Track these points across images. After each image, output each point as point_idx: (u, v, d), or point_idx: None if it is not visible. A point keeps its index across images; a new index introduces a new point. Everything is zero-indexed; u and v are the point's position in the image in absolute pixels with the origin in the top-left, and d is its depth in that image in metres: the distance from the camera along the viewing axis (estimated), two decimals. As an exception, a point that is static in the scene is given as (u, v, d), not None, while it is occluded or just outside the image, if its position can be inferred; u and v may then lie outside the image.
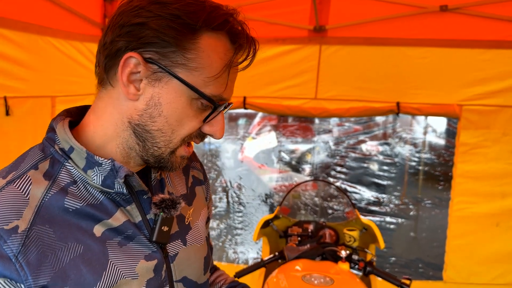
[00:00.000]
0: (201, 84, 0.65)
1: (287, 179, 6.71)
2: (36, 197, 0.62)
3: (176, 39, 0.63)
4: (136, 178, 0.68)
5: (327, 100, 2.78)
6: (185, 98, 0.66)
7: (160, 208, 0.71)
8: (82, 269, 0.62)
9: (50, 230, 0.61)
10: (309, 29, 2.65)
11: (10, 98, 1.91)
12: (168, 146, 0.68)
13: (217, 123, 0.71)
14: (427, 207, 6.41)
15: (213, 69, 0.65)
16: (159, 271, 0.70)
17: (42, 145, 0.69)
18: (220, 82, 0.67)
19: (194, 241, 0.80)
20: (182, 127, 0.67)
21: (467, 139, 2.67)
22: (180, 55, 0.64)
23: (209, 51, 0.65)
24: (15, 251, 0.58)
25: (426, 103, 2.69)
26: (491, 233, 2.71)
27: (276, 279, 1.75)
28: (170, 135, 0.67)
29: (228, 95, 0.70)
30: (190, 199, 0.85)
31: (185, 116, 0.67)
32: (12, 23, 1.91)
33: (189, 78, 0.65)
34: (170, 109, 0.66)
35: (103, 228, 0.66)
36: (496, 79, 2.56)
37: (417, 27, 2.52)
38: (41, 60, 2.15)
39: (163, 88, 0.65)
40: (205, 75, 0.65)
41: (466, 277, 2.78)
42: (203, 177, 0.93)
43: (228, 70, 0.67)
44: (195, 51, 0.64)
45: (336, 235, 2.22)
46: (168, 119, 0.66)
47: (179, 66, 0.64)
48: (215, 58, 0.65)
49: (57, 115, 0.72)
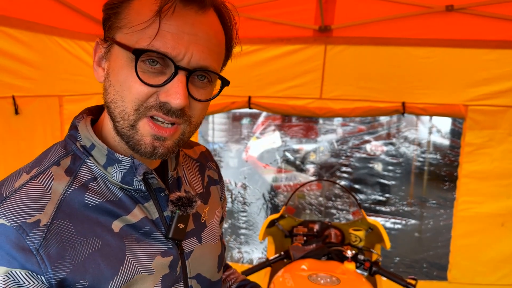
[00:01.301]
0: (132, 40, 0.63)
1: (291, 179, 6.70)
2: (58, 192, 0.64)
3: (112, 7, 0.66)
4: (154, 175, 0.69)
5: (332, 100, 2.78)
6: (125, 59, 0.64)
7: (176, 205, 0.72)
8: (100, 263, 0.64)
9: (70, 225, 0.63)
10: (314, 29, 2.65)
11: (18, 98, 1.93)
12: (124, 118, 0.65)
13: (172, 87, 0.63)
14: (432, 207, 6.38)
15: (141, 21, 0.62)
16: (174, 267, 0.71)
17: (64, 142, 0.71)
18: (151, 30, 0.62)
19: (209, 239, 0.81)
20: (128, 91, 0.63)
21: (473, 139, 2.67)
22: (114, 19, 0.65)
23: (138, 7, 0.63)
24: (37, 244, 0.59)
25: (431, 103, 2.68)
26: (496, 233, 2.71)
27: (282, 279, 1.75)
28: (121, 104, 0.64)
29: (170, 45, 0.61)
30: (206, 198, 0.86)
31: (127, 78, 0.63)
32: (19, 22, 1.93)
33: (122, 38, 0.64)
34: (115, 76, 0.65)
35: (121, 224, 0.67)
36: (502, 79, 2.55)
37: (423, 27, 2.52)
38: (49, 60, 2.16)
39: (111, 59, 0.66)
40: (135, 30, 0.62)
41: (471, 277, 2.77)
42: (218, 177, 0.94)
43: (159, 17, 0.61)
44: (124, 8, 0.65)
45: (341, 235, 2.22)
46: (115, 86, 0.65)
47: (116, 30, 0.65)
48: (144, 10, 0.63)
49: (79, 114, 0.74)
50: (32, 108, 2.04)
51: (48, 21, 2.13)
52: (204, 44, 0.64)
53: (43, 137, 2.11)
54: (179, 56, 0.62)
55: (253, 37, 2.70)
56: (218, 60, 0.69)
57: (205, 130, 8.17)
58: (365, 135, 8.07)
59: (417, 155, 7.84)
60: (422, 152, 7.90)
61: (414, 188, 7.02)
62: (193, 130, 0.70)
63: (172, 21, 0.62)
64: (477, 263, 2.75)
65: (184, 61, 0.63)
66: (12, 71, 1.91)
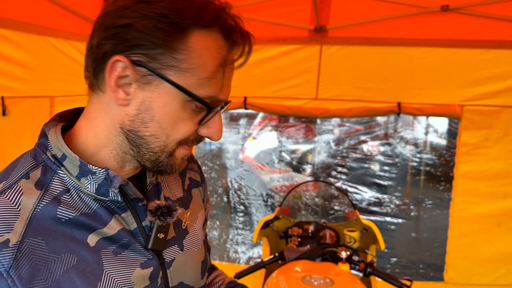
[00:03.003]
0: (194, 85, 0.62)
1: (288, 179, 6.70)
2: (28, 208, 0.60)
3: (164, 40, 0.59)
4: (131, 186, 0.66)
5: (328, 100, 2.77)
6: (178, 101, 0.62)
7: (155, 215, 0.69)
8: (76, 281, 0.61)
9: (42, 242, 0.59)
10: (309, 29, 2.65)
11: (8, 98, 1.91)
12: (163, 150, 0.65)
13: (214, 124, 0.67)
14: (428, 208, 6.40)
15: (206, 69, 0.62)
16: (155, 278, 0.69)
17: (34, 152, 0.67)
18: (215, 83, 0.63)
19: (191, 245, 0.78)
20: (176, 131, 0.64)
21: (468, 140, 2.66)
22: (169, 57, 0.60)
23: (200, 51, 0.61)
24: (7, 266, 0.56)
25: (427, 103, 2.68)
26: (492, 233, 2.70)
27: (276, 280, 1.74)
28: (165, 140, 0.64)
29: (224, 95, 0.66)
30: (187, 202, 0.83)
31: (179, 120, 0.63)
32: (12, 23, 1.91)
33: (180, 80, 0.61)
34: (163, 113, 0.62)
35: (97, 238, 0.64)
36: (498, 79, 2.55)
37: (418, 27, 2.52)
38: (41, 60, 2.14)
39: (154, 92, 0.62)
40: (198, 76, 0.62)
41: (467, 278, 2.77)
42: (200, 178, 0.91)
43: (223, 69, 0.63)
44: (185, 51, 0.60)
45: (336, 236, 2.22)
46: (162, 124, 0.63)
47: (169, 68, 0.61)
48: (207, 57, 0.62)
49: (50, 120, 0.70)
50: (22, 109, 2.02)
51: (41, 22, 2.11)
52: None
53: (31, 138, 2.08)
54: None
55: (248, 37, 2.69)
56: None
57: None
58: (362, 135, 8.08)
59: (413, 155, 7.85)
60: (418, 152, 7.92)
61: (411, 188, 7.03)
62: None
63: (228, 69, 0.66)
64: (474, 263, 2.74)
65: None
66: (3, 72, 1.89)
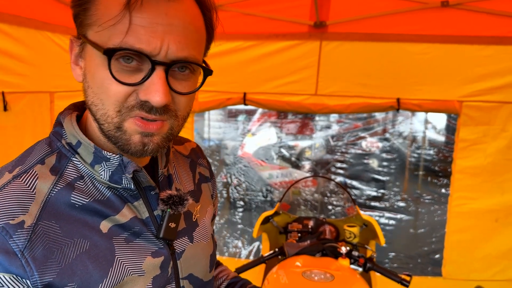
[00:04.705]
0: (104, 37, 0.58)
1: (287, 175, 6.71)
2: (43, 192, 0.61)
3: (80, 3, 0.60)
4: (144, 173, 0.67)
5: (327, 96, 2.78)
6: (98, 59, 0.59)
7: (167, 204, 0.70)
8: (88, 266, 0.61)
9: (56, 226, 0.60)
10: (309, 25, 2.64)
11: (8, 94, 1.91)
12: (107, 121, 0.62)
13: (151, 84, 0.59)
14: (426, 203, 6.42)
15: (109, 12, 0.58)
16: (165, 268, 0.69)
17: (49, 139, 0.68)
18: (121, 26, 0.57)
19: (201, 238, 0.79)
20: (106, 94, 0.60)
21: (467, 135, 2.67)
22: (83, 15, 0.60)
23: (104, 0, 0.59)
24: (21, 247, 0.56)
25: (426, 99, 2.69)
26: (490, 229, 2.72)
27: (276, 275, 1.75)
28: (102, 107, 0.61)
29: (143, 40, 0.57)
30: (197, 196, 0.84)
31: (104, 80, 0.60)
32: (11, 18, 1.90)
33: (94, 36, 0.60)
34: (91, 77, 0.61)
35: (110, 224, 0.65)
36: (497, 75, 2.56)
37: (418, 23, 2.51)
38: (41, 55, 2.14)
39: (86, 58, 0.62)
40: (103, 25, 0.58)
41: (465, 273, 2.78)
42: (209, 174, 0.92)
43: (128, 9, 0.57)
44: (92, 4, 0.60)
45: (336, 231, 2.22)
46: (93, 88, 0.61)
47: (87, 27, 0.60)
48: (110, 2, 0.58)
49: (65, 109, 0.71)
50: (22, 105, 2.02)
51: (40, 16, 2.10)
52: (181, 34, 0.59)
53: (32, 134, 2.08)
54: (155, 50, 0.58)
55: (248, 33, 2.68)
56: (199, 48, 0.64)
57: (201, 127, 8.15)
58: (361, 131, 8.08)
59: (412, 151, 7.86)
60: (417, 148, 7.93)
61: (409, 184, 7.05)
62: (182, 123, 0.67)
63: (143, 13, 0.57)
64: (472, 258, 2.76)
65: (161, 55, 0.58)
66: (2, 67, 1.89)
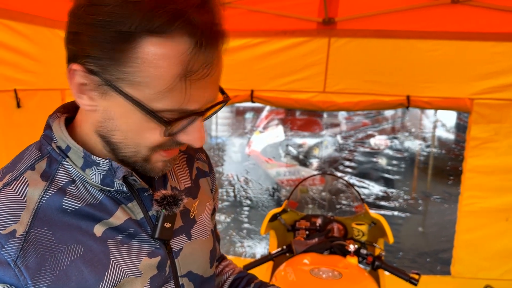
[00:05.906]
0: (150, 99, 0.56)
1: (295, 173, 6.70)
2: (34, 199, 0.61)
3: (110, 52, 0.53)
4: (135, 177, 0.66)
5: (336, 94, 2.76)
6: (139, 112, 0.57)
7: (161, 205, 0.69)
8: (83, 271, 0.61)
9: (49, 233, 0.60)
10: (318, 22, 2.62)
11: (20, 91, 1.93)
12: (137, 156, 0.63)
13: (193, 131, 0.61)
14: (435, 202, 6.37)
15: (163, 81, 0.54)
16: (162, 267, 0.69)
17: (40, 143, 0.67)
18: (176, 95, 0.55)
19: (199, 234, 0.79)
20: (144, 140, 0.60)
21: (478, 134, 2.64)
22: (117, 70, 0.54)
23: (153, 61, 0.53)
24: (14, 256, 0.57)
25: (436, 97, 2.66)
26: (500, 228, 2.69)
27: (284, 273, 1.75)
28: (136, 147, 0.62)
29: (196, 104, 0.58)
30: (194, 192, 0.83)
31: (145, 130, 0.59)
32: (21, 15, 1.92)
33: (135, 93, 0.55)
34: (125, 124, 0.59)
35: (103, 228, 0.64)
36: (508, 72, 2.52)
37: (428, 19, 2.49)
38: (50, 53, 2.15)
39: (113, 102, 0.58)
40: (153, 89, 0.55)
41: (475, 272, 2.76)
42: (208, 168, 0.90)
43: (185, 79, 0.55)
44: (134, 63, 0.54)
45: (344, 229, 2.22)
46: (127, 134, 0.60)
47: (121, 81, 0.55)
48: (163, 67, 0.54)
49: (54, 111, 0.70)
50: (34, 102, 2.04)
51: (50, 14, 2.12)
52: (217, 83, 0.60)
53: (44, 131, 2.11)
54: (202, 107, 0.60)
55: (256, 30, 2.68)
56: None
57: (209, 124, 8.17)
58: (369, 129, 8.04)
59: (421, 149, 7.80)
60: (426, 146, 7.87)
61: (418, 182, 7.00)
62: None
63: (201, 81, 0.56)
64: (481, 258, 2.74)
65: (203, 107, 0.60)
66: (14, 64, 1.91)
